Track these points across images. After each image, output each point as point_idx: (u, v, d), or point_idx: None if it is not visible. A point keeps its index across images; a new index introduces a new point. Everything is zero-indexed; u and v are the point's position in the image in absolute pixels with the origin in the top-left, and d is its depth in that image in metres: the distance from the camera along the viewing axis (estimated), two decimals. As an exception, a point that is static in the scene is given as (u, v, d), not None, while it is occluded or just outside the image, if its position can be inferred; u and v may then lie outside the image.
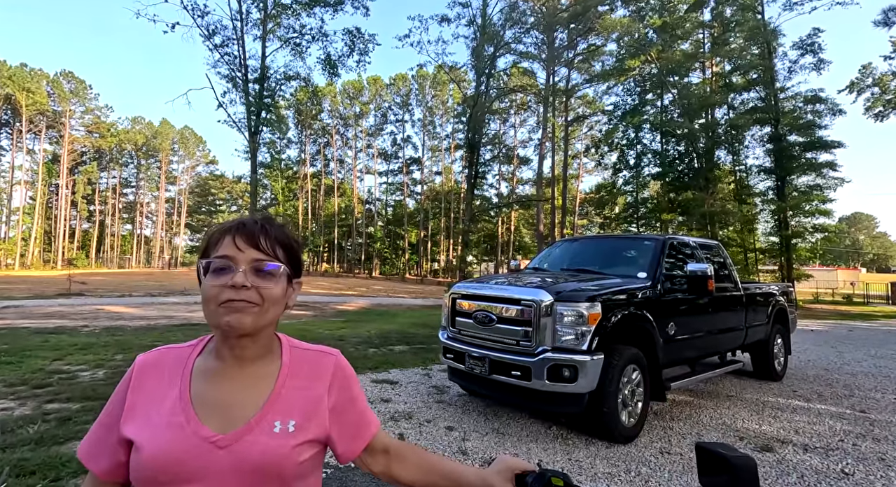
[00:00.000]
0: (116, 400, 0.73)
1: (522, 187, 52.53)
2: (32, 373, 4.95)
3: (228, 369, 0.74)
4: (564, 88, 29.29)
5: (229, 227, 0.73)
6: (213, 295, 0.69)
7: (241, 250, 0.71)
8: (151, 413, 0.70)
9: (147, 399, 0.71)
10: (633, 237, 4.93)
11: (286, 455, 0.69)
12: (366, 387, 4.91)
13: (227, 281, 0.69)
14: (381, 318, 11.93)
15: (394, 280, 46.16)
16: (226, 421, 0.70)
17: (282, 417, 0.72)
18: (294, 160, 61.48)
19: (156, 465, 0.65)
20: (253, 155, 19.64)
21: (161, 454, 0.65)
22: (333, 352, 0.84)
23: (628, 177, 29.66)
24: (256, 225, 0.74)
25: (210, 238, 0.74)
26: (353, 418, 0.81)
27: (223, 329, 0.70)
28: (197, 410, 0.70)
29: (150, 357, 0.76)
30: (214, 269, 0.70)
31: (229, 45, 19.47)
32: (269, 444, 0.69)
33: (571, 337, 3.35)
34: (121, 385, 0.74)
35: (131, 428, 0.69)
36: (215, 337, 0.76)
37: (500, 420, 3.98)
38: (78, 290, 17.78)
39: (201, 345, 0.78)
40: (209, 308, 0.70)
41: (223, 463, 0.67)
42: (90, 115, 61.45)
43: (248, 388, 0.74)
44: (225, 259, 0.70)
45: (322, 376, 0.79)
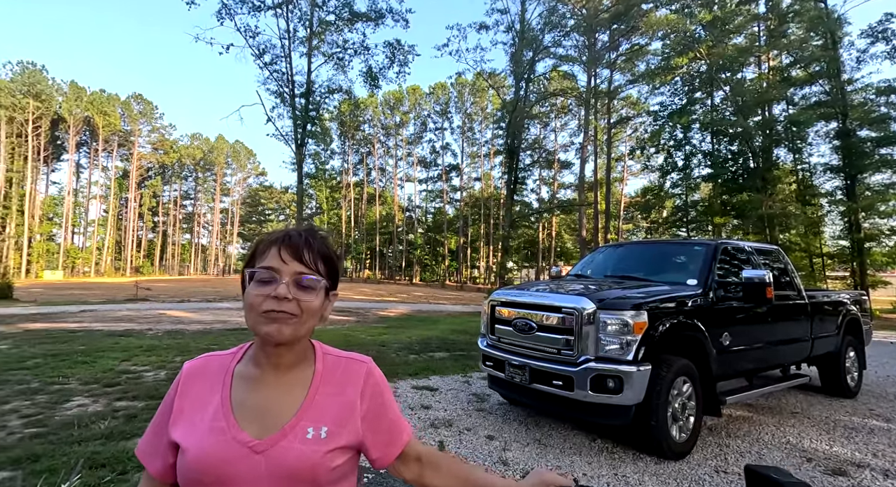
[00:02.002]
0: (166, 405, 0.77)
1: (564, 191, 51.52)
2: (104, 373, 5.37)
3: (265, 376, 0.77)
4: (607, 90, 28.53)
5: (276, 239, 0.76)
6: (255, 304, 0.71)
7: (286, 262, 0.73)
8: (196, 419, 0.73)
9: (192, 404, 0.75)
10: (682, 242, 4.69)
11: (318, 461, 0.71)
12: (406, 394, 4.95)
13: (270, 292, 0.71)
14: (422, 325, 12.01)
15: (434, 286, 46.46)
16: (263, 427, 0.73)
17: (314, 424, 0.74)
18: (337, 170, 63.59)
19: (199, 467, 0.69)
20: (299, 166, 20.49)
21: (204, 457, 0.69)
22: (365, 360, 0.85)
23: (676, 180, 28.35)
24: (301, 238, 0.76)
25: (257, 247, 0.77)
26: (385, 425, 0.82)
27: (263, 337, 0.74)
28: (237, 416, 0.73)
29: (195, 364, 0.80)
30: (259, 279, 0.72)
31: (277, 63, 20.52)
32: (302, 450, 0.71)
33: (616, 346, 3.23)
34: (170, 390, 0.79)
35: (178, 432, 0.73)
36: (254, 344, 0.79)
37: (542, 431, 3.89)
38: (143, 296, 19.18)
39: (241, 353, 0.82)
40: (251, 316, 0.73)
41: (260, 468, 0.69)
42: (156, 134, 66.58)
43: (283, 395, 0.76)
44: (270, 270, 0.72)
45: (354, 383, 0.81)
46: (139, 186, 66.09)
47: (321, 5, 21.11)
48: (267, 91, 20.97)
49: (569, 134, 50.08)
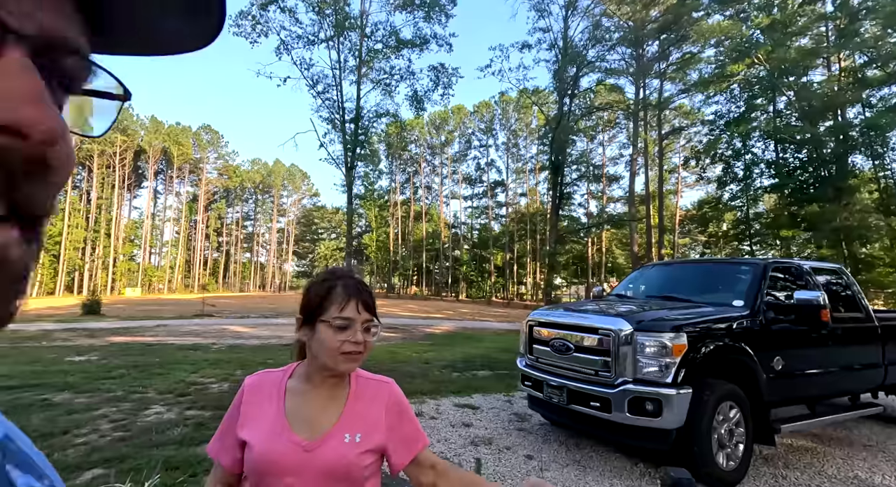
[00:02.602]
0: (233, 411, 0.99)
1: (613, 205, 50.03)
2: (176, 383, 5.93)
3: (313, 390, 0.98)
4: (657, 101, 27.75)
5: (351, 293, 0.95)
6: (336, 347, 0.92)
7: (359, 313, 0.95)
8: (259, 422, 0.94)
9: (255, 411, 0.96)
10: (728, 261, 4.52)
11: (353, 460, 0.92)
12: (448, 411, 5.07)
13: (349, 337, 0.93)
14: (467, 342, 12.09)
15: (480, 303, 46.27)
16: (310, 431, 0.93)
17: (350, 431, 0.94)
18: (385, 189, 65.63)
19: (263, 460, 0.90)
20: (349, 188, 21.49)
21: (266, 453, 0.90)
22: (388, 381, 1.06)
23: (736, 191, 26.77)
24: (368, 294, 0.98)
25: (327, 296, 0.96)
26: (404, 434, 1.00)
27: (341, 372, 0.96)
28: (290, 421, 0.94)
29: (254, 379, 1.02)
30: (339, 327, 0.93)
31: (329, 92, 21.86)
32: (341, 451, 0.92)
33: (654, 368, 3.20)
34: (236, 399, 1.01)
35: (246, 433, 0.94)
36: (312, 368, 1.00)
37: (582, 452, 3.87)
38: (209, 312, 20.68)
39: (290, 371, 1.03)
40: (331, 355, 0.93)
41: (309, 463, 0.90)
42: (221, 161, 72.28)
43: (325, 407, 0.97)
44: (349, 320, 0.93)
45: (380, 400, 1.01)
46: (206, 209, 71.68)
47: (370, 35, 22.37)
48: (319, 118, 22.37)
49: (617, 146, 48.98)
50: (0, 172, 0.19)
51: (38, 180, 0.21)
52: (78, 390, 5.44)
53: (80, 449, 3.58)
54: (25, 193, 0.20)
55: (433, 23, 22.07)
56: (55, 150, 0.20)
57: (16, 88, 0.19)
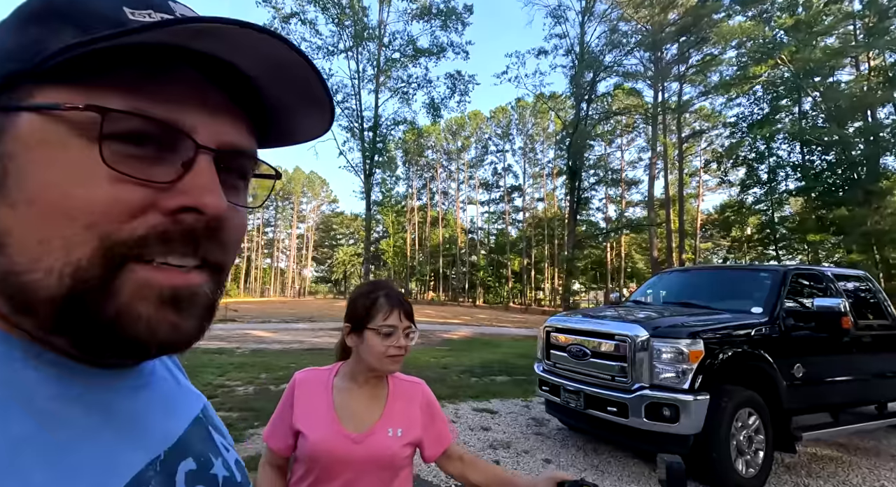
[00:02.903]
0: (286, 402, 1.13)
1: (633, 210, 49.38)
2: (203, 386, 6.16)
3: (357, 389, 1.13)
4: (676, 104, 27.40)
5: (394, 304, 1.10)
6: (382, 352, 1.07)
7: (401, 321, 1.09)
8: (312, 415, 1.08)
9: (307, 403, 1.10)
10: (747, 268, 4.50)
11: (397, 451, 1.06)
12: (466, 415, 5.16)
13: (393, 343, 1.07)
14: (485, 348, 12.14)
15: (497, 308, 46.13)
16: (357, 425, 1.07)
17: (392, 426, 1.09)
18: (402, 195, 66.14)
19: (316, 449, 1.04)
20: (367, 195, 21.83)
21: (320, 443, 1.04)
22: (419, 382, 1.22)
23: (760, 195, 26.16)
24: (407, 304, 1.13)
25: (372, 307, 1.10)
26: (435, 430, 1.16)
27: (386, 372, 1.11)
28: (339, 415, 1.08)
29: (304, 375, 1.17)
30: (385, 333, 1.07)
31: (348, 101, 22.30)
32: (386, 443, 1.06)
33: (671, 374, 3.24)
34: (287, 391, 1.15)
35: (300, 424, 1.08)
36: (358, 369, 1.14)
37: (601, 457, 3.91)
38: (232, 317, 21.21)
39: (335, 369, 1.18)
40: (378, 359, 1.07)
41: (358, 453, 1.04)
42: (243, 168, 74.04)
43: (369, 404, 1.12)
44: (393, 327, 1.08)
45: (415, 400, 1.17)
46: (229, 216, 73.40)
47: (387, 45, 22.78)
48: (339, 126, 22.79)
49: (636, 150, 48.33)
50: (190, 237, 0.29)
51: (216, 241, 0.31)
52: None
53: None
54: (208, 250, 0.30)
55: (450, 31, 22.37)
56: (224, 221, 0.30)
57: (201, 183, 0.29)
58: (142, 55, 0.27)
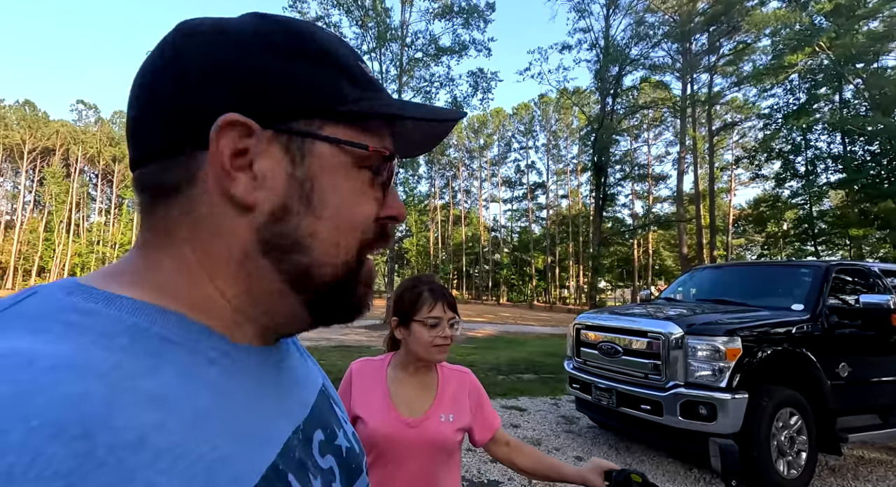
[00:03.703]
0: (345, 390, 1.19)
1: (660, 206, 48.13)
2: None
3: (409, 378, 1.19)
4: (706, 96, 26.52)
5: (438, 297, 1.15)
6: (429, 341, 1.12)
7: (445, 312, 1.14)
8: (370, 402, 1.15)
9: (364, 391, 1.17)
10: (786, 264, 4.33)
11: (450, 436, 1.13)
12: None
13: (439, 333, 1.13)
14: (510, 346, 12.10)
15: (521, 307, 45.82)
16: (411, 411, 1.14)
17: (445, 412, 1.15)
18: (424, 194, 66.42)
19: (375, 434, 1.10)
20: (392, 194, 22.06)
21: (378, 428, 1.10)
22: (467, 371, 1.29)
23: (797, 188, 25.05)
24: (450, 296, 1.17)
25: (419, 300, 1.16)
26: (482, 416, 1.22)
27: (434, 361, 1.16)
28: (395, 402, 1.14)
29: (359, 365, 1.24)
30: (430, 324, 1.13)
31: (372, 101, 22.54)
32: (440, 428, 1.12)
33: (707, 372, 3.18)
34: (345, 380, 1.21)
35: (360, 410, 1.14)
36: (408, 358, 1.20)
37: (633, 456, 3.86)
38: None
39: (388, 360, 1.24)
40: (426, 348, 1.13)
41: (414, 438, 1.10)
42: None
43: (421, 392, 1.18)
44: (438, 319, 1.13)
45: (464, 387, 1.23)
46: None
47: (410, 45, 22.90)
48: (363, 127, 23.11)
49: (664, 144, 47.13)
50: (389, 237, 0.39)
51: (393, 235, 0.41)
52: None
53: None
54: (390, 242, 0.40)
55: (472, 29, 22.31)
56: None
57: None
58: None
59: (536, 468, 1.17)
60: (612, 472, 1.03)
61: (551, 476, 1.15)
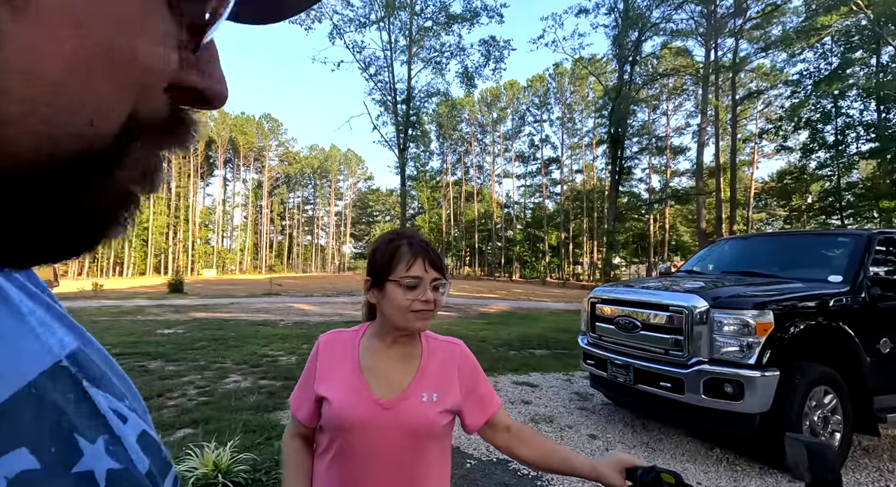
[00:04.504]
0: (310, 369, 1.00)
1: (678, 180, 46.88)
2: (250, 356, 6.37)
3: (386, 350, 0.98)
4: (731, 62, 25.19)
5: (418, 252, 0.93)
6: (406, 306, 0.91)
7: (427, 271, 0.93)
8: (336, 379, 0.95)
9: (331, 367, 0.97)
10: (822, 233, 4.00)
11: (434, 419, 0.92)
12: (506, 388, 5.05)
13: (419, 296, 0.91)
14: (522, 322, 11.98)
15: (534, 283, 45.66)
16: (388, 389, 0.93)
17: (427, 390, 0.94)
18: (436, 170, 65.76)
19: (341, 415, 0.91)
20: (402, 169, 21.72)
21: (345, 409, 0.91)
22: (458, 342, 1.06)
23: (825, 159, 23.94)
24: (434, 252, 0.96)
25: (394, 256, 0.94)
26: (478, 396, 1.01)
27: (412, 330, 0.94)
28: (367, 378, 0.94)
29: (328, 337, 1.03)
30: (408, 286, 0.91)
31: (381, 74, 22.00)
32: (421, 409, 0.92)
33: (735, 348, 2.94)
34: (311, 357, 1.01)
35: (323, 389, 0.95)
36: (385, 326, 0.98)
37: (650, 434, 3.69)
38: (276, 291, 22.05)
39: (362, 330, 1.03)
40: (402, 314, 0.92)
41: (387, 420, 0.90)
42: (281, 148, 75.78)
43: (401, 365, 0.97)
44: (417, 279, 0.92)
45: (453, 361, 1.01)
46: (270, 195, 75.82)
47: (419, 13, 22.09)
48: (372, 101, 22.65)
49: (684, 116, 45.42)
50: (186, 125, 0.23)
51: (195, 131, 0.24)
52: (168, 358, 6.01)
53: (173, 410, 3.95)
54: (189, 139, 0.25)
55: (483, -7, 21.36)
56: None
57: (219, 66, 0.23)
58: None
59: (540, 459, 0.97)
60: (636, 470, 0.83)
61: (559, 470, 0.94)
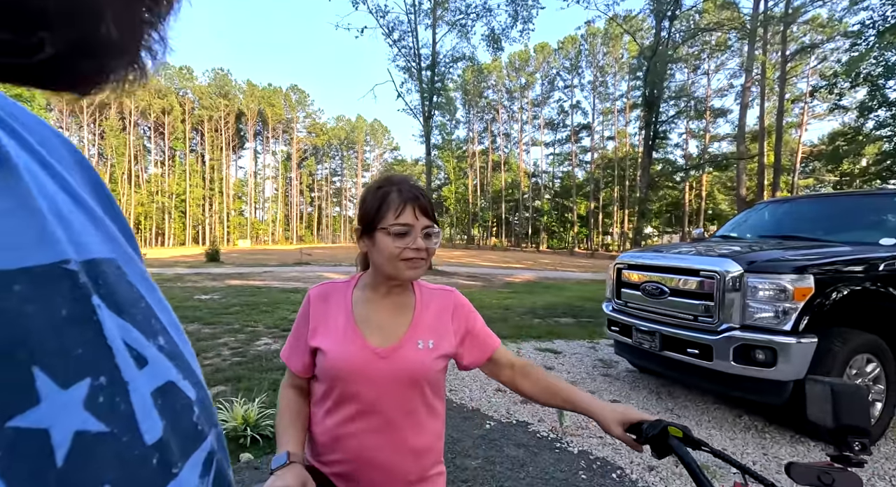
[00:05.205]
0: (302, 320, 0.99)
1: (718, 145, 44.39)
2: (280, 320, 6.60)
3: (380, 299, 0.97)
4: (783, 13, 23.08)
5: (407, 198, 0.89)
6: (396, 254, 0.89)
7: (417, 219, 0.90)
8: (330, 330, 0.94)
9: (324, 318, 0.96)
10: (874, 193, 3.65)
11: (429, 365, 0.93)
12: (528, 354, 5.05)
13: (409, 244, 0.89)
14: (548, 291, 11.89)
15: (562, 254, 45.10)
16: (383, 338, 0.93)
17: (423, 337, 0.95)
18: (462, 139, 64.66)
19: (337, 365, 0.91)
20: (427, 138, 21.41)
21: (340, 359, 0.91)
22: (452, 290, 1.05)
23: (885, 118, 21.99)
24: (425, 198, 0.93)
25: (383, 203, 0.90)
26: (475, 338, 1.02)
27: (403, 279, 0.92)
28: (361, 329, 0.93)
29: (319, 289, 1.01)
30: (397, 233, 0.88)
31: (405, 39, 21.37)
32: (416, 356, 0.92)
33: (769, 314, 2.80)
34: (303, 308, 1.00)
35: (317, 340, 0.94)
36: (377, 276, 0.96)
37: (676, 401, 3.63)
38: (306, 260, 22.66)
39: (355, 281, 1.01)
40: (392, 263, 0.90)
41: (384, 369, 0.90)
42: (309, 119, 76.04)
43: (395, 314, 0.97)
44: (407, 226, 0.89)
45: (447, 308, 1.01)
46: (299, 166, 76.88)
47: (443, -28, 21.10)
48: (396, 67, 22.15)
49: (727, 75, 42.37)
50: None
51: None
52: (204, 322, 6.31)
53: (207, 369, 4.15)
54: None
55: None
56: None
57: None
58: None
59: (542, 394, 0.98)
60: (642, 424, 0.78)
61: (563, 407, 0.95)
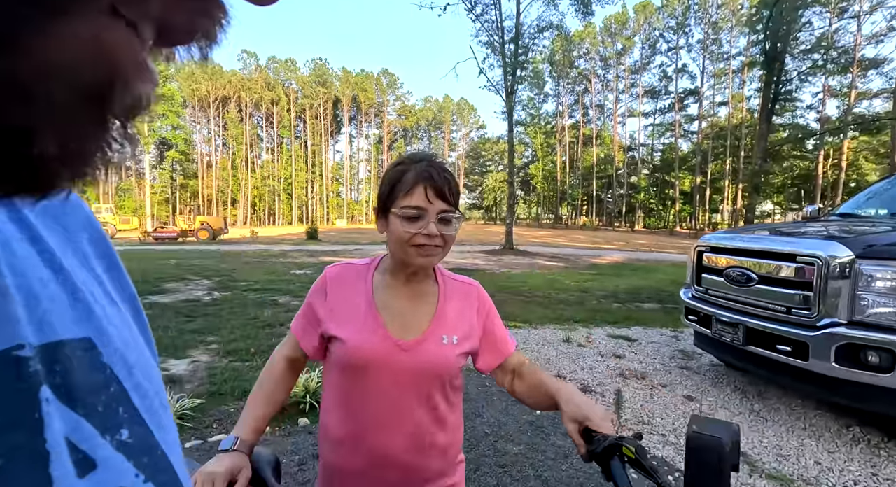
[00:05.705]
0: (315, 300, 0.93)
1: (867, 104, 36.79)
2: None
3: (400, 287, 0.92)
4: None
5: (420, 178, 0.83)
6: (406, 239, 0.83)
7: (431, 202, 0.83)
8: (350, 317, 0.89)
9: (342, 304, 0.91)
10: None
11: (453, 361, 0.89)
12: (599, 340, 4.79)
13: (420, 229, 0.82)
14: (635, 274, 11.09)
15: (660, 233, 41.58)
16: (405, 330, 0.89)
17: (447, 332, 0.90)
18: (551, 114, 61.77)
19: (356, 354, 0.86)
20: (510, 114, 20.80)
21: (359, 348, 0.86)
22: (475, 283, 1.00)
23: None
24: (441, 177, 0.84)
25: (397, 183, 0.85)
26: (494, 340, 0.97)
27: (414, 266, 0.87)
28: (383, 316, 0.88)
29: (337, 269, 0.96)
30: (407, 217, 0.83)
31: (488, 12, 20.73)
32: (440, 352, 0.88)
33: (889, 309, 2.30)
34: (317, 289, 0.94)
35: (335, 327, 0.89)
36: (393, 261, 0.91)
37: (766, 403, 3.20)
38: (394, 238, 23.72)
39: (375, 263, 0.96)
40: (403, 248, 0.84)
41: (404, 361, 0.86)
42: (399, 102, 78.37)
43: (418, 305, 0.92)
44: (418, 209, 0.82)
45: (471, 303, 0.96)
46: (389, 148, 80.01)
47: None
48: (479, 43, 21.68)
49: (886, 16, 34.53)
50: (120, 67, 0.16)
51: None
52: (295, 295, 6.96)
53: (290, 337, 4.60)
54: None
55: None
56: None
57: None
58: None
59: (525, 394, 0.94)
60: (593, 435, 0.68)
61: (548, 404, 0.86)
